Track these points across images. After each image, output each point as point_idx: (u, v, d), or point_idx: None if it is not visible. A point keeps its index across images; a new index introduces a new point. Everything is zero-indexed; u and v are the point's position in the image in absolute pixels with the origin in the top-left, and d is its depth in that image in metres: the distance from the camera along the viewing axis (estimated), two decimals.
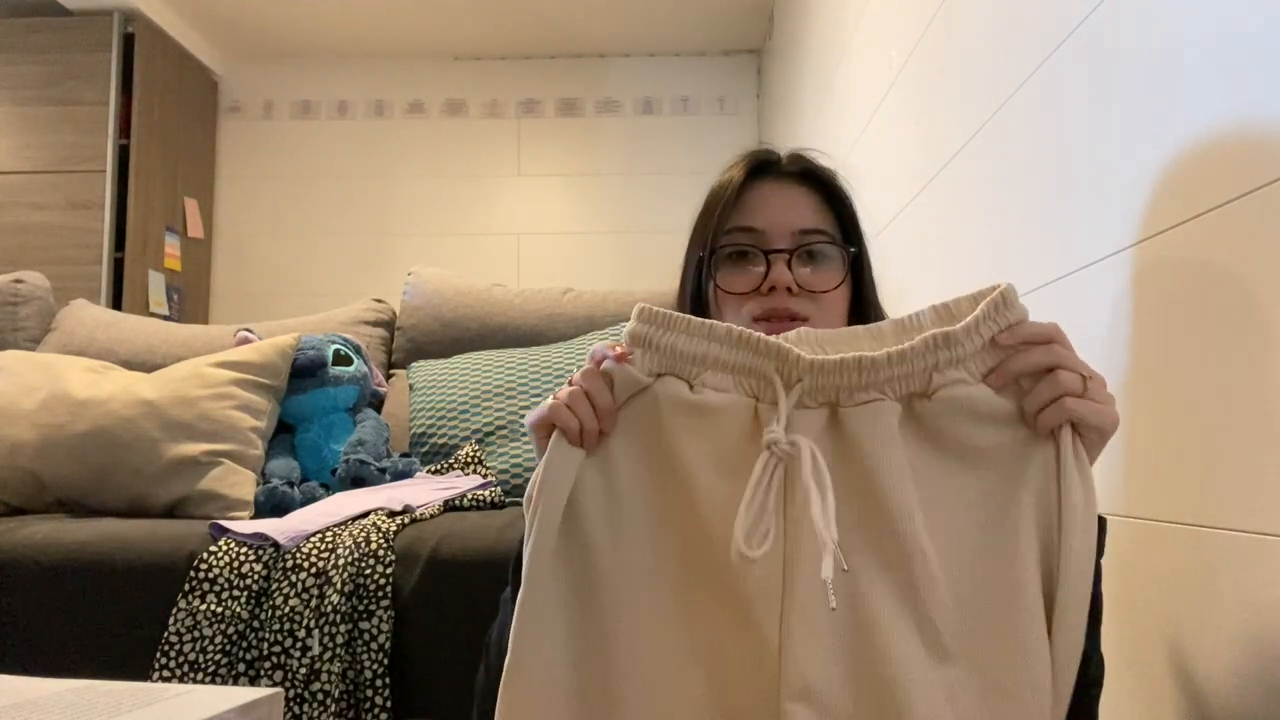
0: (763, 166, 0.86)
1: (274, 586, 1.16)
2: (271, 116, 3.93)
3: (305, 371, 1.66)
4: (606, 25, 3.68)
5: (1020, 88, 1.09)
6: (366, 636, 1.13)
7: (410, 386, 1.82)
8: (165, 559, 1.19)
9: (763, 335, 0.60)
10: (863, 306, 0.86)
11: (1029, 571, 0.56)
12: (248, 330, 1.79)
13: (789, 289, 0.80)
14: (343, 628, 1.13)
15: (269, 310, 2.59)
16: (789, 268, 0.80)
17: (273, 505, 1.43)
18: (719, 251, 0.84)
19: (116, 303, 3.19)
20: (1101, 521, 0.61)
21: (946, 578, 0.56)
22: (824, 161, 0.88)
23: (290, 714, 1.08)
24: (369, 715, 1.11)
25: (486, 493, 1.43)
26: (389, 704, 1.11)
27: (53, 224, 3.19)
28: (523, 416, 1.65)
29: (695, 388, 0.61)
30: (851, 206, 0.87)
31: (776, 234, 0.82)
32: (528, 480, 0.64)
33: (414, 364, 1.88)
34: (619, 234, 3.82)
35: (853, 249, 0.85)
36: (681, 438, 0.60)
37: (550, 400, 0.63)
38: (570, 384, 0.63)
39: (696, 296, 0.86)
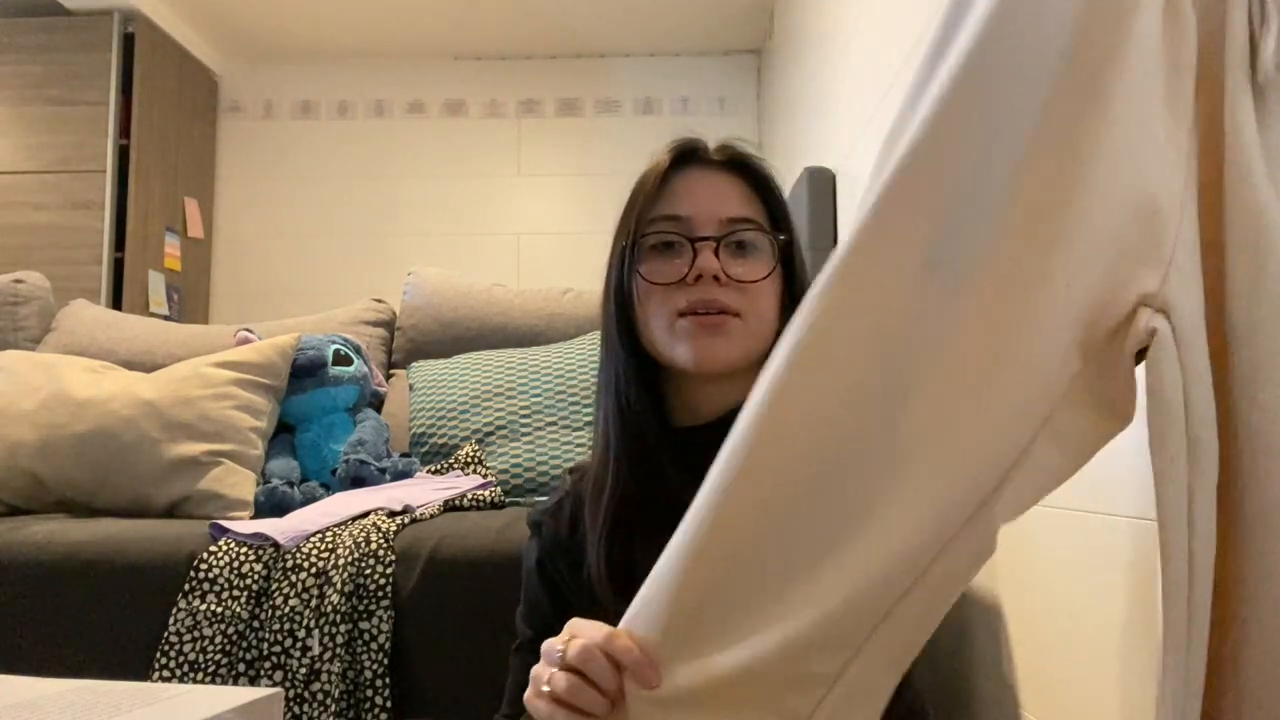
0: (689, 154, 0.83)
1: (274, 586, 1.16)
2: (271, 116, 3.93)
3: (305, 371, 1.66)
4: (606, 25, 3.68)
5: None
6: (366, 636, 1.13)
7: (410, 386, 1.81)
8: (165, 559, 1.19)
9: None
10: (794, 300, 0.79)
11: None
12: (248, 330, 1.79)
13: (716, 278, 0.77)
14: (343, 628, 1.13)
15: (269, 310, 2.58)
16: (716, 256, 0.77)
17: (273, 505, 1.43)
18: (642, 241, 0.80)
19: (116, 303, 3.19)
20: None
21: None
22: (750, 149, 0.85)
23: (290, 714, 1.08)
24: (369, 715, 1.11)
25: (486, 493, 1.43)
26: (389, 704, 1.11)
27: (53, 224, 3.19)
28: (524, 416, 1.65)
29: None
30: (781, 196, 0.84)
31: (703, 222, 0.79)
32: (527, 480, 0.63)
33: (414, 364, 1.88)
34: None
35: (782, 237, 0.82)
36: None
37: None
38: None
39: (619, 290, 0.82)
